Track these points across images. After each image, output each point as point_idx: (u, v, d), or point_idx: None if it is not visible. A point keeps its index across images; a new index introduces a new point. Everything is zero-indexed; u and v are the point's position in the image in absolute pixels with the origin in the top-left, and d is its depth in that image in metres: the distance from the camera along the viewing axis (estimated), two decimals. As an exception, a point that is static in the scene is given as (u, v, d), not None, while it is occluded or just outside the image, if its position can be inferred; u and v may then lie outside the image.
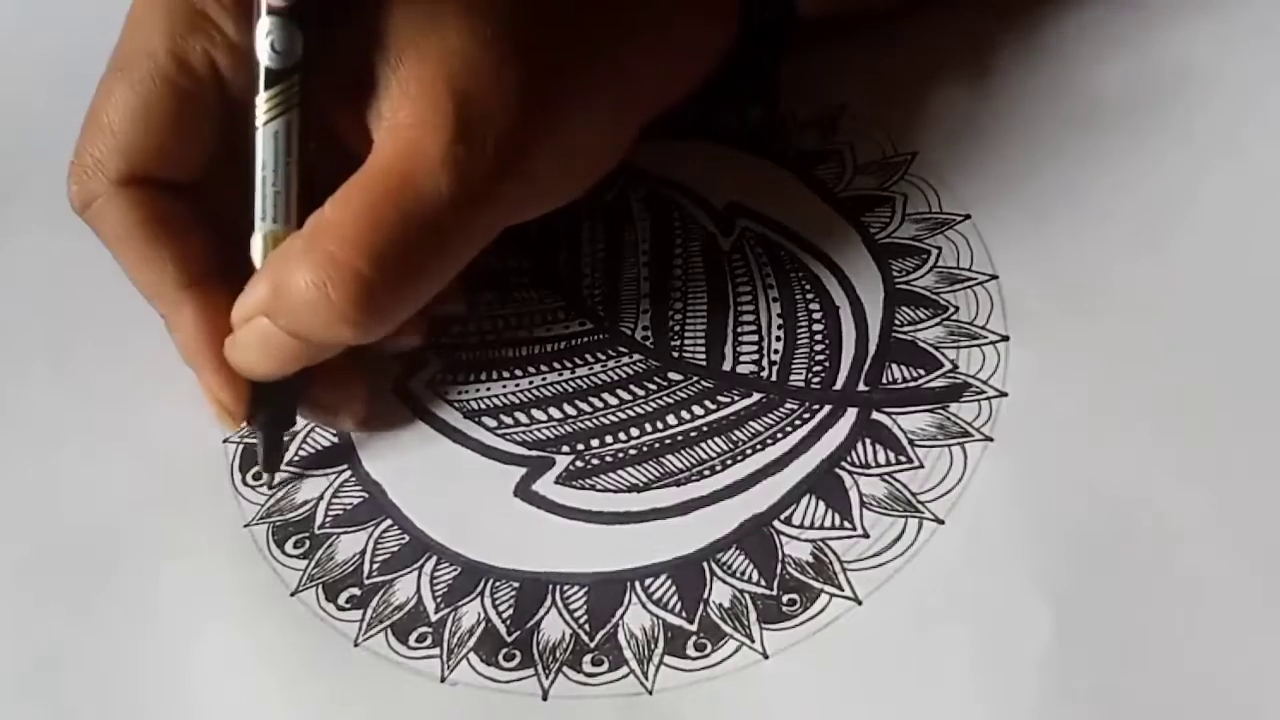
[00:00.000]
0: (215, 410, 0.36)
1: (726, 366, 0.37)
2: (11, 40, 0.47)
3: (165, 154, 0.34)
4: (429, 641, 0.34)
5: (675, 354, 0.38)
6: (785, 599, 0.33)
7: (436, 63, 0.33)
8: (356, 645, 0.34)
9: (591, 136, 0.36)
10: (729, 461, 0.36)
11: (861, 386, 0.37)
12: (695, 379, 0.37)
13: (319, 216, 0.32)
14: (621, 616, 0.34)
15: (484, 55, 0.33)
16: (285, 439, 0.37)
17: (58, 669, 0.35)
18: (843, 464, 0.35)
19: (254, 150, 0.33)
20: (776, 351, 0.37)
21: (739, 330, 0.38)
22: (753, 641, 0.33)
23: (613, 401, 0.37)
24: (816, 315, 0.38)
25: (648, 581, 0.34)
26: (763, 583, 0.34)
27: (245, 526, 0.37)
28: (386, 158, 0.32)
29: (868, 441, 0.36)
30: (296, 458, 0.38)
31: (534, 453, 0.37)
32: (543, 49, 0.34)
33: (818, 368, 0.37)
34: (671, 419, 0.37)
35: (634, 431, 0.37)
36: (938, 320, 0.37)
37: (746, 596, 0.34)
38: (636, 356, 0.38)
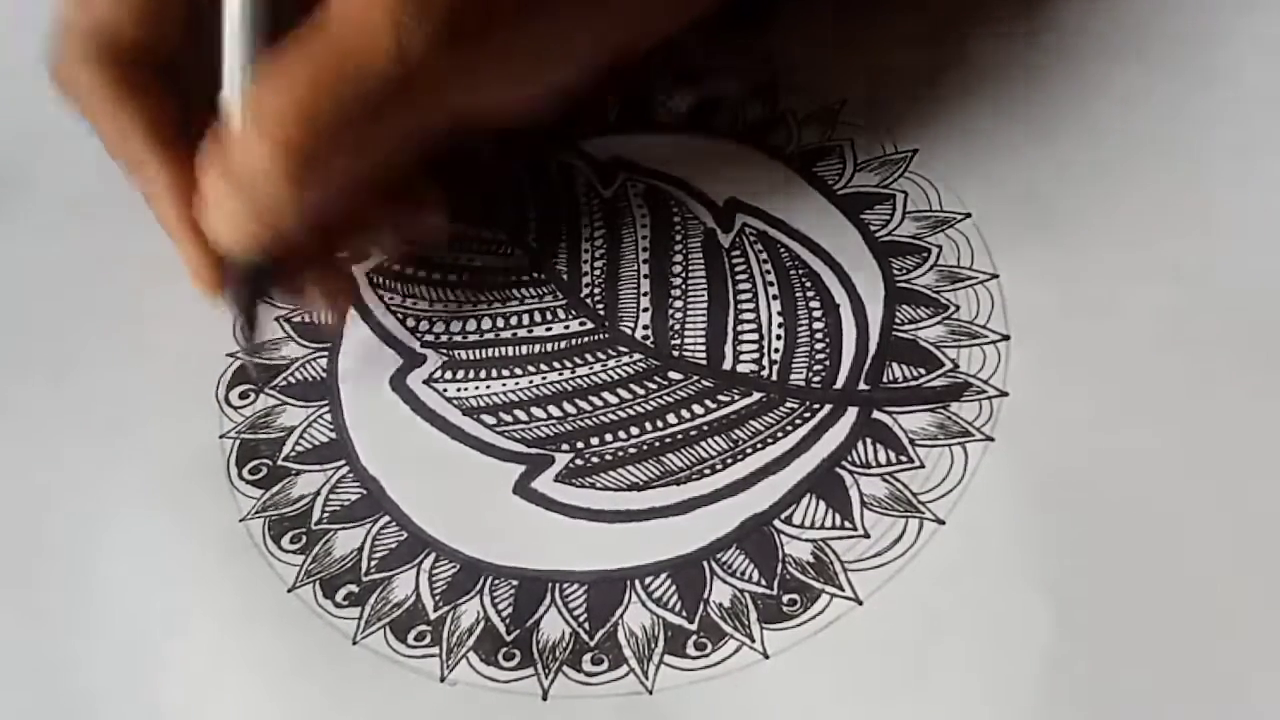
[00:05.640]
0: (190, 275, 0.37)
1: (727, 365, 0.37)
2: (11, 39, 0.46)
3: (136, 31, 0.36)
4: (428, 640, 0.34)
5: (675, 353, 0.38)
6: (786, 599, 0.33)
7: None
8: (354, 643, 0.34)
9: (555, 47, 0.35)
10: (729, 460, 0.36)
11: (862, 385, 0.36)
12: (695, 378, 0.37)
13: (264, 76, 0.33)
14: (621, 615, 0.34)
15: None
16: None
17: (54, 665, 0.34)
18: (843, 463, 0.35)
19: (223, 17, 0.34)
20: (777, 350, 0.37)
21: (739, 329, 0.38)
22: (753, 641, 0.33)
23: (613, 400, 0.37)
24: (817, 313, 0.38)
25: (648, 580, 0.34)
26: (763, 582, 0.34)
27: (241, 521, 0.36)
28: (335, 23, 0.33)
29: (868, 441, 0.36)
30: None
31: (534, 450, 0.37)
32: None
33: (818, 366, 0.37)
34: (671, 418, 0.37)
35: (634, 430, 0.37)
36: (938, 319, 0.37)
37: (747, 596, 0.34)
38: (637, 355, 0.38)
